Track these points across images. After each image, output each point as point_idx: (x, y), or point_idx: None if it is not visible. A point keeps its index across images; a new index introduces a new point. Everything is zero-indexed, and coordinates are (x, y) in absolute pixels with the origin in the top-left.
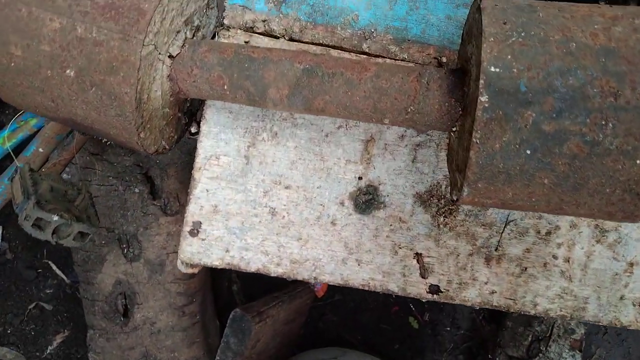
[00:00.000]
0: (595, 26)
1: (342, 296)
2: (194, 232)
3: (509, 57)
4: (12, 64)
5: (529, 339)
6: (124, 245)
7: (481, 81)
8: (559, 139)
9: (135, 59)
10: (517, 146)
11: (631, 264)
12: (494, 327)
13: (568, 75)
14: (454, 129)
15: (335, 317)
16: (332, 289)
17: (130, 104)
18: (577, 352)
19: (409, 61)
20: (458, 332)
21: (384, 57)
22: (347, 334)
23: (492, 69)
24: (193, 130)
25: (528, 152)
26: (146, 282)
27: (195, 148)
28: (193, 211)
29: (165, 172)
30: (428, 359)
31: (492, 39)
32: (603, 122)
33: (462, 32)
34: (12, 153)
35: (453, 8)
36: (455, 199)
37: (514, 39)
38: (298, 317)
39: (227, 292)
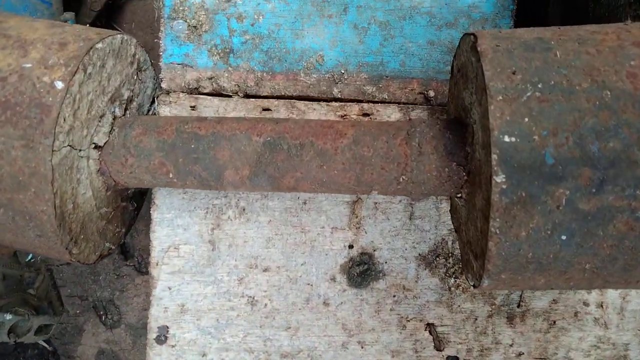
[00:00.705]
0: (632, 62)
1: None
2: (161, 339)
3: (527, 119)
4: None
5: None
6: (101, 312)
7: (494, 156)
8: (602, 219)
9: (45, 170)
10: (549, 232)
11: None
12: None
13: (607, 137)
14: (459, 196)
15: None
16: None
17: (50, 223)
18: None
19: (390, 101)
20: None
21: (360, 101)
22: None
23: (507, 138)
24: None
25: (563, 237)
26: (131, 348)
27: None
28: (156, 315)
29: (134, 227)
30: None
31: (500, 97)
32: None
33: (451, 62)
34: None
35: (435, 31)
36: (473, 285)
37: (529, 93)
38: None
39: None
